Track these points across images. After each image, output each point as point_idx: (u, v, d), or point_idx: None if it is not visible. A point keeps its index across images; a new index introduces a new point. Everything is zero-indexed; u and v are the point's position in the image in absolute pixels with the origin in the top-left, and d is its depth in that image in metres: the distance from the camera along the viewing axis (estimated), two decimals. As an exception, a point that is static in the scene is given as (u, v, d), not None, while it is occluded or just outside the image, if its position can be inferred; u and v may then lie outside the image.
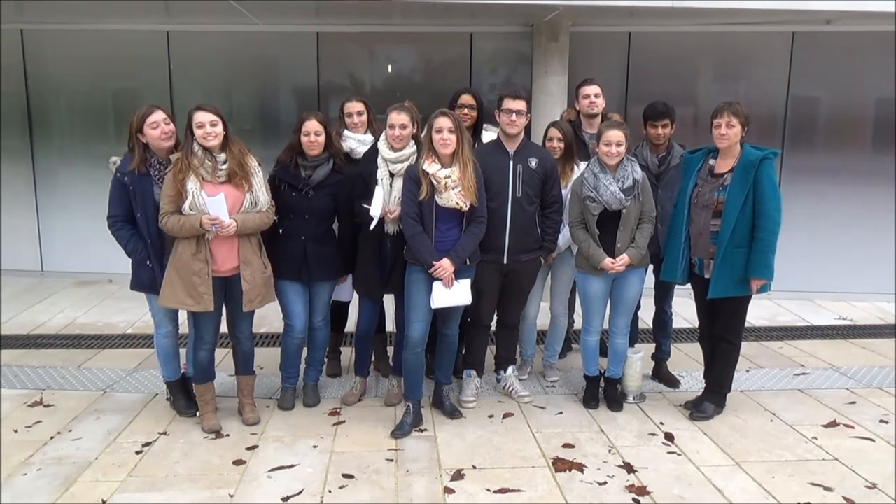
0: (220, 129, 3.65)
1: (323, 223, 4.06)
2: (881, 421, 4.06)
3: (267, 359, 4.75)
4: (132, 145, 3.75)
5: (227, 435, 3.81)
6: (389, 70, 7.10)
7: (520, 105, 3.93)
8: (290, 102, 7.15)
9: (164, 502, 3.16)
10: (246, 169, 3.73)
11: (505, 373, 4.41)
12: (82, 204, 7.10)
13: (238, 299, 3.80)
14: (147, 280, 3.77)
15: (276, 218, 3.90)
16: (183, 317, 3.93)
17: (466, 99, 4.38)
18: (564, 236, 4.23)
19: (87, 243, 7.13)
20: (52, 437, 3.77)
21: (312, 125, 3.93)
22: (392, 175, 3.93)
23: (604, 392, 4.29)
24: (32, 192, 7.27)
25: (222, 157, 3.68)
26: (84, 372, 4.73)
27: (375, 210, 3.83)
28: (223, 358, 4.88)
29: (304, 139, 3.93)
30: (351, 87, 7.01)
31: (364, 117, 4.37)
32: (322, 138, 3.95)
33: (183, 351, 4.11)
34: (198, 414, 3.98)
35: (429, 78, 7.05)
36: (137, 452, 3.61)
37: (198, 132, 3.61)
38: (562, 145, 4.25)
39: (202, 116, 3.61)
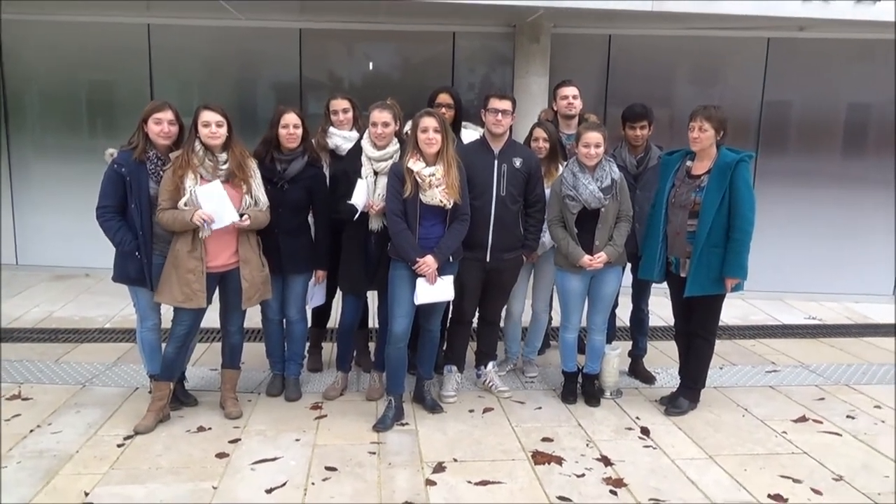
0: (224, 130, 3.67)
1: (297, 217, 4.09)
2: (848, 416, 4.19)
3: (247, 353, 4.74)
4: (135, 136, 3.73)
5: (210, 428, 3.82)
6: (371, 67, 7.12)
7: (506, 105, 3.99)
8: (271, 98, 7.13)
9: (147, 494, 3.16)
10: (245, 171, 3.75)
11: (485, 368, 4.47)
12: (59, 197, 7.05)
13: (233, 294, 3.84)
14: (134, 272, 3.74)
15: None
16: (165, 310, 3.93)
17: (444, 98, 4.41)
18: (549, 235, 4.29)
19: (64, 237, 7.07)
20: (31, 431, 3.74)
21: (291, 118, 3.98)
22: (376, 173, 3.96)
23: (581, 388, 4.37)
24: (8, 185, 7.16)
25: (223, 156, 3.70)
26: (62, 366, 4.70)
27: (358, 200, 3.86)
28: (203, 353, 4.90)
29: (282, 132, 3.97)
30: (333, 84, 7.02)
31: (350, 114, 4.41)
32: (300, 131, 4.00)
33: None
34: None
35: (411, 76, 7.09)
36: (119, 445, 3.60)
37: (203, 131, 3.63)
38: (547, 146, 4.31)
39: (209, 116, 3.63)
